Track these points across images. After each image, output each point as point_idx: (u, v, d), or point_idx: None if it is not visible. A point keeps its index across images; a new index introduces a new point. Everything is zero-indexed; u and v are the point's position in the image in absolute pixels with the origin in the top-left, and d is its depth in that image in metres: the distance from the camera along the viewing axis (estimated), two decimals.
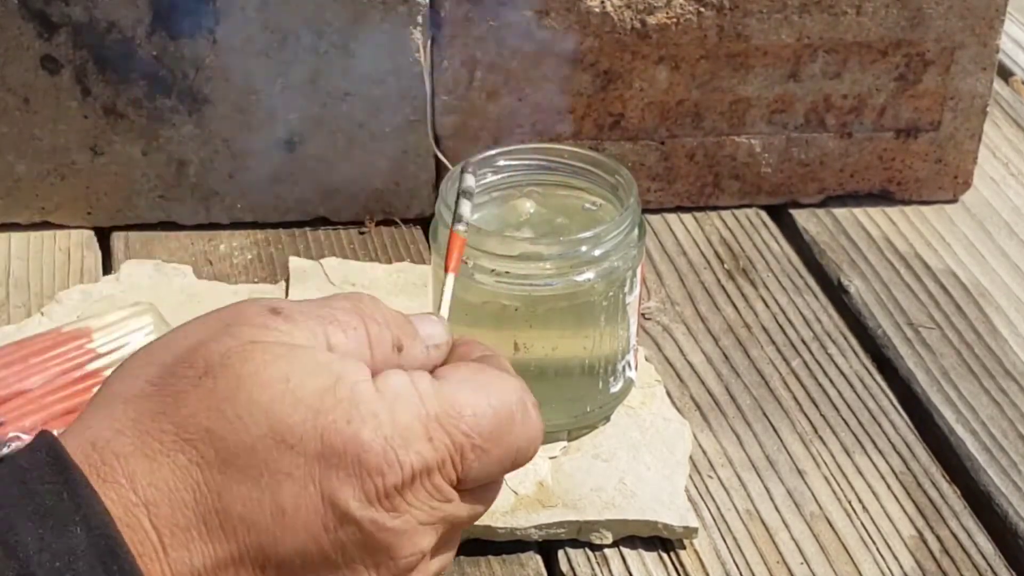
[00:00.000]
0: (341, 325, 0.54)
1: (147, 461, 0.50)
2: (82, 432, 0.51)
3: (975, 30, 0.97)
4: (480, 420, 0.54)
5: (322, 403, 0.51)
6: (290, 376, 0.51)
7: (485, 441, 0.54)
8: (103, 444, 0.51)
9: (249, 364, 0.51)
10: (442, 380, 0.54)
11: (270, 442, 0.50)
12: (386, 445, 0.51)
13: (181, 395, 0.51)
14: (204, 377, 0.51)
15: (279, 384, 0.51)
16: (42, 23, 0.90)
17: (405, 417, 0.52)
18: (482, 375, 0.55)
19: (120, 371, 0.54)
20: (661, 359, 0.88)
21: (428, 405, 0.53)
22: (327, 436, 0.50)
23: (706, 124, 0.99)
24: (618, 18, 0.94)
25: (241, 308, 0.54)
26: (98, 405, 0.53)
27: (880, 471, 0.80)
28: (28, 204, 0.96)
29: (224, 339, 0.52)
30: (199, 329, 0.54)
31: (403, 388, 0.53)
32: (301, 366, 0.51)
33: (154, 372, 0.52)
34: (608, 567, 0.74)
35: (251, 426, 0.50)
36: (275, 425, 0.50)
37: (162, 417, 0.51)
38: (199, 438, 0.50)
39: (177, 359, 0.52)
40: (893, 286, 0.95)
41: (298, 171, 0.96)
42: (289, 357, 0.51)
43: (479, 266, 0.74)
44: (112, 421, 0.51)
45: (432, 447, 0.52)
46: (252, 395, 0.50)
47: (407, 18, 0.92)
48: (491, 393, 0.55)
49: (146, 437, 0.51)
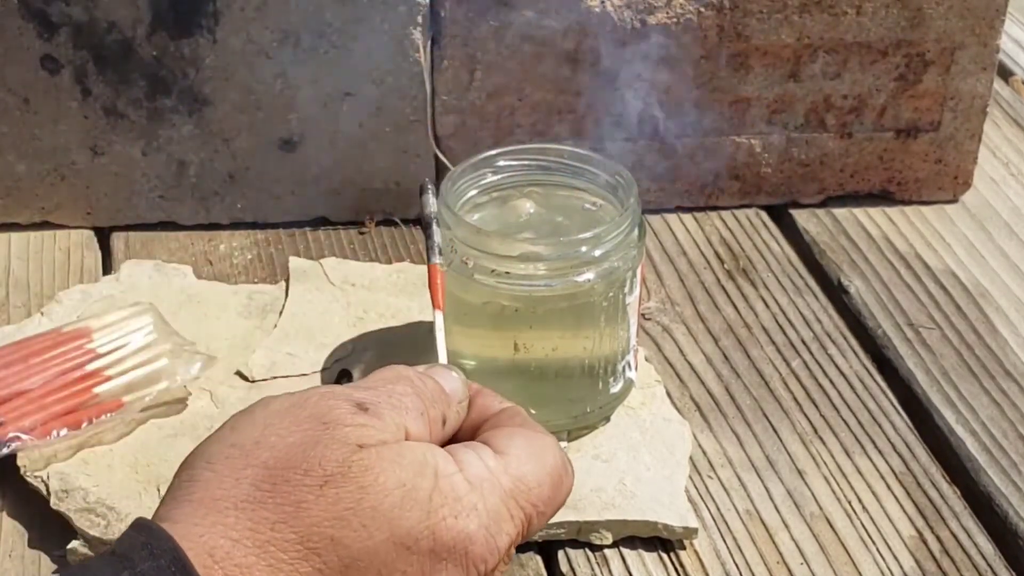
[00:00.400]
0: (411, 412, 0.57)
1: (270, 572, 0.52)
2: (194, 539, 0.52)
3: (975, 30, 0.97)
4: (543, 489, 0.58)
5: (431, 503, 0.54)
6: (405, 481, 0.54)
7: (546, 507, 0.58)
8: (223, 555, 0.51)
9: (369, 474, 0.53)
10: (503, 455, 0.58)
11: (390, 545, 0.53)
12: (487, 534, 0.55)
13: (303, 505, 0.53)
14: (325, 487, 0.53)
15: (397, 491, 0.54)
16: (42, 23, 0.90)
17: (493, 501, 0.56)
18: (534, 442, 0.59)
19: (208, 468, 0.54)
20: (661, 359, 0.88)
21: (503, 484, 0.57)
22: (438, 533, 0.54)
23: (706, 124, 0.99)
24: (618, 18, 0.94)
25: (329, 406, 0.56)
26: (198, 505, 0.53)
27: (880, 471, 0.80)
28: (28, 204, 0.96)
29: (333, 445, 0.54)
30: (292, 428, 0.55)
31: (484, 472, 0.57)
32: (411, 468, 0.54)
33: (259, 475, 0.53)
34: (608, 567, 0.74)
35: (374, 532, 0.53)
36: (395, 530, 0.53)
37: (283, 527, 0.52)
38: (323, 547, 0.52)
39: (284, 463, 0.53)
40: (893, 286, 0.95)
41: (298, 171, 0.96)
42: (398, 461, 0.54)
43: (479, 266, 0.74)
44: (226, 529, 0.52)
45: (513, 524, 0.57)
46: (375, 504, 0.53)
47: (407, 18, 0.92)
48: (545, 460, 0.59)
49: (269, 547, 0.52)
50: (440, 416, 0.59)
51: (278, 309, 0.88)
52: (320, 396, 0.56)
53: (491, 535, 0.55)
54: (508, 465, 0.57)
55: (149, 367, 0.79)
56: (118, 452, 0.77)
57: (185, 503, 0.53)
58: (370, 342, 0.85)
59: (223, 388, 0.82)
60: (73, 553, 0.72)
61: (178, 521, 0.52)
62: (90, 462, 0.76)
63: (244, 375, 0.83)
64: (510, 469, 0.57)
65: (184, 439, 0.78)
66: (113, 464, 0.76)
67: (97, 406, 0.77)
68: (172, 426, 0.79)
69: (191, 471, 0.54)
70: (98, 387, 0.78)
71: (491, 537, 0.55)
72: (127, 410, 0.78)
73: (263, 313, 0.88)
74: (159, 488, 0.74)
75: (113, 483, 0.75)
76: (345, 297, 0.89)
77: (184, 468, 0.55)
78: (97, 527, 0.72)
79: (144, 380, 0.79)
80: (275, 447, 0.54)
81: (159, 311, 0.84)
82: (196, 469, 0.54)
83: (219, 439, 0.55)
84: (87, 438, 0.77)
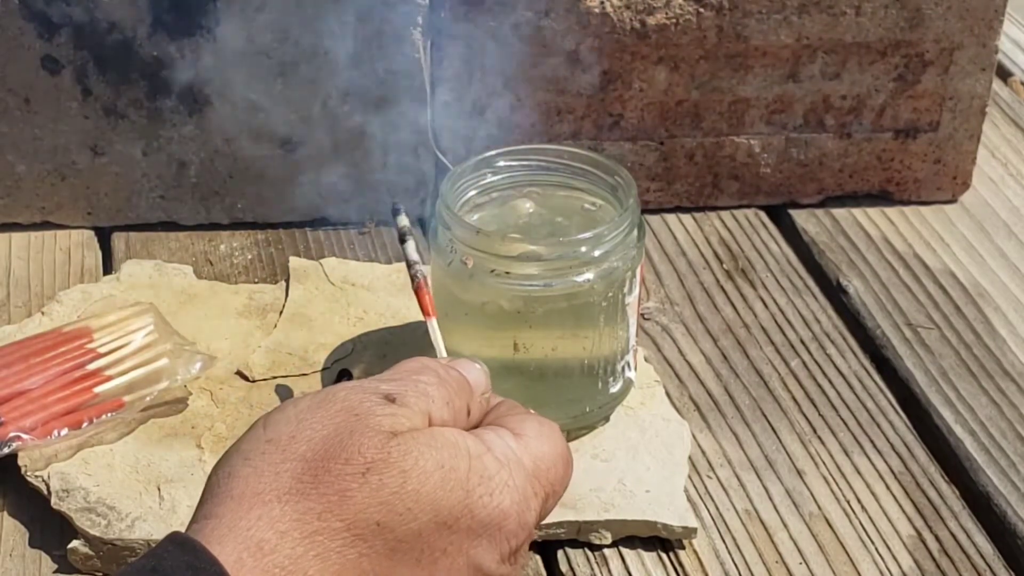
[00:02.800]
0: (437, 402, 0.59)
1: (319, 561, 0.53)
2: (241, 532, 0.52)
3: (974, 31, 0.98)
4: (557, 470, 0.60)
5: (468, 482, 0.56)
6: (443, 463, 0.55)
7: (560, 488, 0.61)
8: (271, 548, 0.52)
9: (409, 458, 0.55)
10: (521, 436, 0.59)
11: (432, 526, 0.55)
12: (519, 510, 0.57)
13: (347, 493, 0.53)
14: (368, 474, 0.54)
15: (437, 473, 0.55)
16: (43, 23, 0.90)
17: (520, 480, 0.58)
18: (544, 426, 0.61)
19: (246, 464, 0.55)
20: (660, 359, 0.88)
21: (526, 463, 0.58)
22: (476, 511, 0.56)
23: (705, 124, 0.99)
24: (618, 18, 0.94)
25: (359, 399, 0.57)
26: (241, 500, 0.53)
27: (879, 471, 0.80)
28: (29, 204, 0.96)
29: (368, 433, 0.55)
30: (325, 422, 0.56)
31: (510, 452, 0.58)
32: (446, 450, 0.56)
33: (299, 468, 0.54)
34: (607, 567, 0.74)
35: (418, 515, 0.54)
36: (438, 511, 0.55)
37: (329, 516, 0.53)
38: (369, 532, 0.54)
39: (323, 455, 0.54)
40: (892, 286, 0.95)
41: (298, 171, 0.96)
42: (433, 444, 0.56)
43: (479, 266, 0.74)
44: (272, 521, 0.53)
45: (538, 501, 0.59)
46: (417, 487, 0.54)
47: (407, 18, 0.92)
48: (556, 443, 0.61)
49: (316, 537, 0.53)
50: (464, 406, 0.60)
51: (278, 309, 0.88)
52: (348, 390, 0.57)
53: (521, 511, 0.57)
54: (528, 446, 0.59)
55: (149, 367, 0.80)
56: (119, 452, 0.77)
57: (227, 499, 0.54)
58: (370, 342, 0.85)
59: (223, 388, 0.82)
60: (74, 552, 0.72)
61: (222, 517, 0.53)
62: (91, 462, 0.76)
63: (244, 375, 0.83)
64: (530, 449, 0.59)
65: (185, 439, 0.78)
66: (114, 464, 0.76)
67: (98, 406, 0.77)
68: (172, 426, 0.79)
69: (228, 468, 0.55)
70: (99, 387, 0.78)
71: (522, 513, 0.57)
72: (128, 410, 0.78)
73: (263, 313, 0.88)
74: (159, 488, 0.74)
75: (114, 483, 0.75)
76: (345, 297, 0.89)
77: (220, 466, 0.55)
78: (98, 527, 0.72)
79: (144, 380, 0.79)
80: (311, 440, 0.55)
81: (159, 311, 0.84)
82: (234, 466, 0.55)
83: (253, 437, 0.56)
84: (88, 438, 0.77)
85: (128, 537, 0.72)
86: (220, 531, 0.52)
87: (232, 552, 0.51)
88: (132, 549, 0.72)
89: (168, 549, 0.52)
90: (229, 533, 0.52)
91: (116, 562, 0.72)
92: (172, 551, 0.52)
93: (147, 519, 0.73)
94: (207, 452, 0.77)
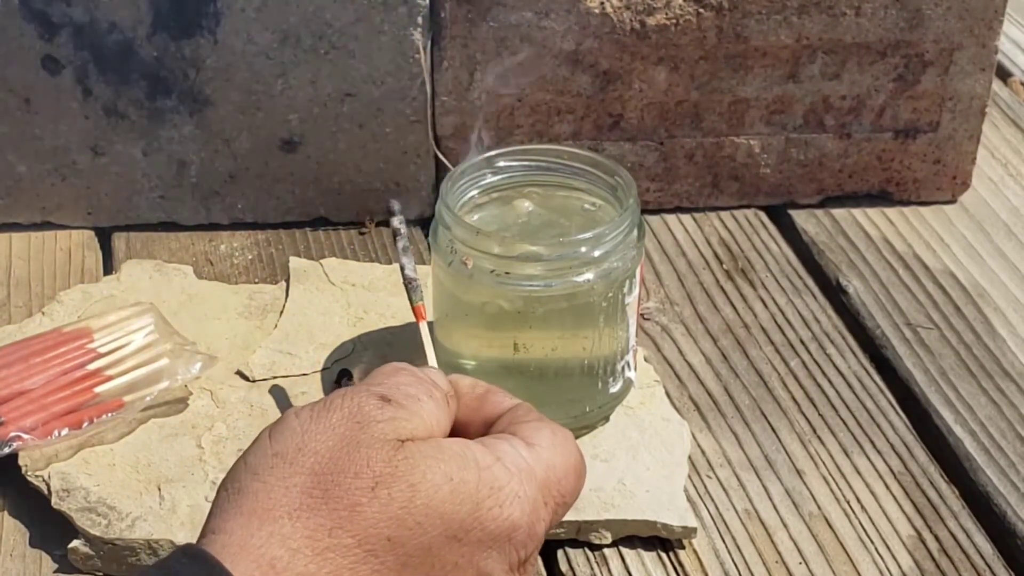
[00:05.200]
0: (423, 403, 0.58)
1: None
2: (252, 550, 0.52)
3: (974, 31, 0.98)
4: (568, 480, 0.59)
5: (478, 494, 0.55)
6: (451, 475, 0.55)
7: (571, 498, 0.60)
8: (283, 567, 0.52)
9: (416, 471, 0.54)
10: (534, 446, 0.59)
11: (443, 540, 0.54)
12: (529, 521, 0.57)
13: (357, 508, 0.53)
14: (377, 488, 0.54)
15: (446, 485, 0.55)
16: (43, 23, 0.90)
17: (531, 490, 0.57)
18: (558, 435, 0.60)
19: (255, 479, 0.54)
20: (660, 359, 0.88)
21: (537, 473, 0.58)
22: (486, 523, 0.55)
23: (705, 125, 0.99)
24: (617, 19, 0.94)
25: (357, 404, 0.56)
26: (251, 516, 0.53)
27: (878, 471, 0.80)
28: (29, 204, 0.96)
29: (375, 444, 0.55)
30: (328, 432, 0.55)
31: (521, 462, 0.58)
32: (454, 462, 0.56)
33: (308, 482, 0.54)
34: (607, 567, 0.74)
35: (428, 528, 0.54)
36: (448, 524, 0.55)
37: (340, 532, 0.53)
38: (380, 547, 0.53)
39: (331, 468, 0.54)
40: (892, 286, 0.95)
41: (298, 171, 0.96)
42: (439, 456, 0.55)
43: (479, 266, 0.75)
44: (283, 539, 0.52)
45: (547, 511, 0.58)
46: (426, 500, 0.54)
47: (407, 19, 0.92)
48: (569, 453, 0.60)
49: (327, 554, 0.53)
50: (443, 396, 0.60)
51: (278, 309, 0.88)
52: (343, 397, 0.57)
53: (531, 523, 0.57)
54: (540, 456, 0.59)
55: (150, 367, 0.80)
56: (119, 452, 0.77)
57: (236, 515, 0.53)
58: (370, 342, 0.85)
59: (223, 388, 0.82)
60: (74, 552, 0.72)
61: (233, 533, 0.53)
62: (91, 461, 0.76)
63: (244, 375, 0.83)
64: (542, 459, 0.58)
65: (185, 439, 0.78)
66: (114, 464, 0.76)
67: (98, 406, 0.77)
68: (173, 426, 0.79)
69: (236, 483, 0.54)
70: (99, 387, 0.78)
71: (532, 524, 0.57)
72: (128, 410, 0.78)
73: (263, 313, 0.88)
74: (160, 488, 0.74)
75: (114, 482, 0.75)
76: (345, 297, 0.89)
77: (229, 481, 0.55)
78: (98, 526, 0.72)
79: (145, 380, 0.79)
80: (318, 452, 0.54)
81: (160, 311, 0.84)
82: (242, 481, 0.54)
83: (259, 450, 0.56)
84: (88, 438, 0.77)
85: (128, 537, 0.72)
86: (231, 548, 0.52)
87: (245, 571, 0.51)
88: (132, 549, 0.72)
89: (182, 561, 0.52)
90: (241, 551, 0.52)
91: (116, 562, 0.72)
92: (186, 564, 0.51)
93: (147, 519, 0.73)
94: (207, 452, 0.77)
